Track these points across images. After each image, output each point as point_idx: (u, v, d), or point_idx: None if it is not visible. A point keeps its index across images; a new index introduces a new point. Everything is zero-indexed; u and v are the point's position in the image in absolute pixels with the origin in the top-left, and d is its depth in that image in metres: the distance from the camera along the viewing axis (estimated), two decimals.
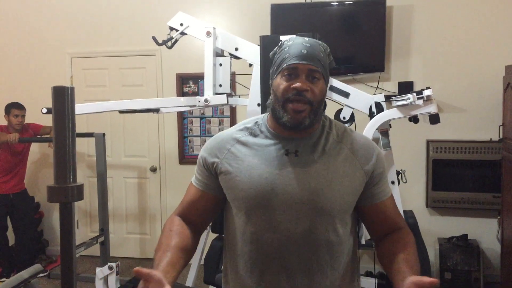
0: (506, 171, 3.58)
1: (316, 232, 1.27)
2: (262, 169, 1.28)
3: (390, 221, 1.38)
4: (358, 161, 1.32)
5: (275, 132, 1.33)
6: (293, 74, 1.26)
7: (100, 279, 3.50)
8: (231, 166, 1.32)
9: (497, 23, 4.04)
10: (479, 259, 3.85)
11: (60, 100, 0.91)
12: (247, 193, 1.28)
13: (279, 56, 1.31)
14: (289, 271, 1.28)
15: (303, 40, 1.30)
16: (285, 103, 1.26)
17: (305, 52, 1.27)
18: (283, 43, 1.34)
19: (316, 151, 1.30)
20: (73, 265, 0.98)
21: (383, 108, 2.55)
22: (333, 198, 1.27)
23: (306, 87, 1.25)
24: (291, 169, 1.27)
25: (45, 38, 4.95)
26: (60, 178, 0.92)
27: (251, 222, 1.29)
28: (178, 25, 2.82)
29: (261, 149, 1.32)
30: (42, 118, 3.93)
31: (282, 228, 1.26)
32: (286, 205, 1.26)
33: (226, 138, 1.38)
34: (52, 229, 5.08)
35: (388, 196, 1.38)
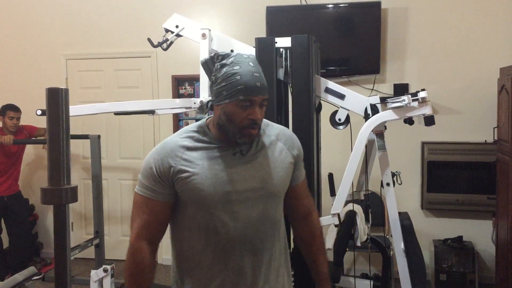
0: (500, 172, 3.60)
1: (268, 214, 1.51)
2: (216, 169, 1.46)
3: (304, 202, 1.69)
4: (287, 149, 1.59)
5: (219, 139, 1.50)
6: (249, 103, 1.42)
7: (95, 281, 3.48)
8: (187, 172, 1.44)
9: (492, 25, 4.06)
10: (474, 261, 3.86)
11: (54, 102, 0.90)
12: (208, 192, 1.43)
13: (229, 82, 1.41)
14: (250, 251, 1.48)
15: (252, 69, 1.43)
16: (242, 129, 1.44)
17: (259, 85, 1.43)
18: (225, 63, 1.44)
19: (255, 148, 1.53)
20: (67, 267, 0.97)
21: (378, 110, 2.55)
22: (277, 183, 1.52)
23: (260, 117, 1.46)
24: (240, 165, 1.48)
25: (40, 40, 4.93)
26: (54, 180, 0.91)
27: (213, 216, 1.45)
28: (174, 27, 2.82)
29: (210, 152, 1.48)
30: (37, 119, 3.92)
31: (241, 216, 1.46)
32: (242, 196, 1.47)
33: (174, 146, 1.49)
34: (47, 232, 5.06)
35: (303, 178, 1.68)
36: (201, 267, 1.50)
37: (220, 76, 1.43)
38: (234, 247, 1.46)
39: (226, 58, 1.45)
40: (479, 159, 4.02)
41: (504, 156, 3.49)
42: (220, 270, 1.48)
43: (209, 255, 1.48)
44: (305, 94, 2.39)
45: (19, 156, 4.52)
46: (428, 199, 4.16)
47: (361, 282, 3.15)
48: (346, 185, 2.53)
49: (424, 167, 4.17)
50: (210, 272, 1.49)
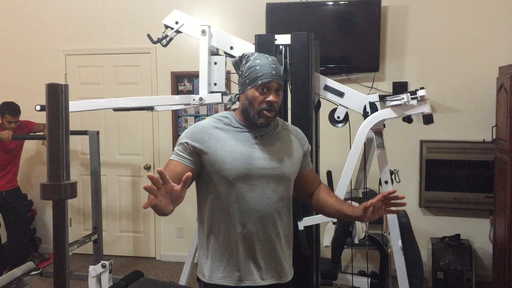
0: (498, 171, 3.61)
1: (279, 191, 1.78)
2: (240, 147, 1.74)
3: (313, 183, 2.00)
4: (298, 141, 1.91)
5: (244, 124, 1.80)
6: (266, 88, 1.72)
7: (93, 277, 3.49)
8: (215, 146, 1.72)
9: (491, 24, 4.06)
10: (471, 259, 3.87)
11: (54, 97, 0.91)
12: (232, 165, 1.70)
13: (251, 71, 1.74)
14: (263, 220, 1.75)
15: (270, 62, 1.74)
16: (260, 111, 1.73)
17: (275, 73, 1.73)
18: (249, 59, 1.77)
19: (273, 135, 1.83)
20: (66, 263, 0.98)
21: (377, 108, 2.56)
22: (290, 166, 1.82)
23: (276, 100, 1.74)
24: (260, 147, 1.77)
25: (39, 35, 4.92)
26: (53, 175, 0.91)
27: (235, 187, 1.72)
28: (173, 23, 2.82)
29: (235, 134, 1.77)
30: (36, 115, 3.92)
31: (258, 189, 1.74)
32: (260, 172, 1.74)
33: (206, 125, 1.78)
34: (45, 227, 5.06)
35: (311, 167, 2.00)
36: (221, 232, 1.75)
37: (245, 70, 1.76)
38: (249, 215, 1.72)
39: (250, 56, 1.77)
40: (477, 157, 4.03)
41: (502, 155, 3.50)
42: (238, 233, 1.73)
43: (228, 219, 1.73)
44: (304, 92, 2.39)
45: (18, 151, 4.52)
46: (426, 197, 4.17)
47: (358, 279, 3.17)
48: (344, 182, 2.54)
49: (422, 166, 4.18)
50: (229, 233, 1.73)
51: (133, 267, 4.51)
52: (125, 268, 4.53)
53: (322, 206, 1.94)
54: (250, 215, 1.73)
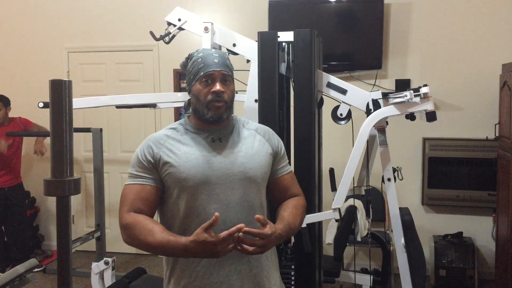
0: (501, 169, 3.60)
1: (248, 197, 1.58)
2: (196, 154, 1.57)
3: (288, 192, 1.73)
4: (266, 142, 1.69)
5: (199, 127, 1.64)
6: (210, 79, 1.58)
7: (96, 274, 3.50)
8: (169, 156, 1.56)
9: (495, 21, 4.05)
10: (474, 257, 3.87)
11: (58, 94, 0.91)
12: (189, 174, 1.53)
13: (194, 66, 1.61)
14: None
15: (212, 52, 1.63)
16: (208, 103, 1.57)
17: (217, 61, 1.59)
18: (193, 56, 1.65)
19: (234, 136, 1.65)
20: (69, 259, 0.98)
21: (380, 105, 2.55)
22: (256, 168, 1.61)
23: (223, 89, 1.57)
24: (220, 151, 1.59)
25: (42, 32, 4.93)
26: (57, 171, 0.92)
27: (194, 199, 1.53)
28: (176, 20, 2.81)
29: (191, 141, 1.61)
30: (39, 112, 3.92)
31: (221, 198, 1.54)
32: (222, 179, 1.55)
33: (158, 136, 1.64)
34: (48, 224, 5.07)
35: (288, 171, 1.75)
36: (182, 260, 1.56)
37: (189, 67, 1.64)
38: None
39: (194, 53, 1.65)
40: (480, 155, 4.02)
41: (505, 153, 3.49)
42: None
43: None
44: (307, 89, 2.39)
45: (18, 147, 4.53)
46: (428, 194, 4.17)
47: (361, 276, 3.17)
48: (347, 180, 2.54)
49: (425, 163, 4.17)
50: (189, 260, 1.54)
51: (136, 264, 4.52)
52: (128, 265, 4.54)
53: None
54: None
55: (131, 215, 1.52)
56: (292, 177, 1.77)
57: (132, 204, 1.54)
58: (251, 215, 1.54)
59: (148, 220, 1.50)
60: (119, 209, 1.57)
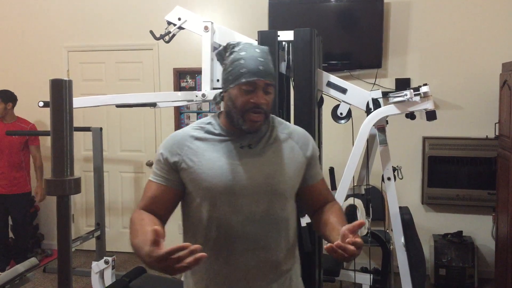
0: (501, 168, 3.60)
1: (273, 211, 1.45)
2: (222, 161, 1.44)
3: (321, 199, 1.61)
4: (299, 148, 1.54)
5: (229, 130, 1.49)
6: (251, 88, 1.41)
7: (96, 273, 3.50)
8: (192, 161, 1.44)
9: (495, 20, 4.04)
10: (473, 256, 3.87)
11: (58, 93, 0.91)
12: (211, 183, 1.42)
13: (234, 67, 1.43)
14: (252, 248, 1.43)
15: (257, 54, 1.43)
16: (244, 113, 1.42)
17: (262, 69, 1.41)
18: (233, 50, 1.46)
19: (265, 142, 1.50)
20: (69, 258, 0.98)
21: (380, 105, 2.55)
22: (284, 181, 1.48)
23: (264, 101, 1.42)
24: (247, 159, 1.45)
25: (41, 31, 4.92)
26: (58, 171, 0.92)
27: (216, 209, 1.42)
28: (176, 20, 2.82)
29: (218, 144, 1.47)
30: (39, 111, 3.92)
31: (244, 210, 1.42)
32: (246, 190, 1.43)
33: (184, 136, 1.49)
34: (48, 223, 5.07)
35: (320, 178, 1.62)
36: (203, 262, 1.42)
37: (228, 63, 1.46)
38: (235, 242, 1.42)
39: (236, 47, 1.46)
40: (480, 154, 4.02)
41: (505, 152, 3.49)
42: (220, 266, 1.44)
43: (210, 249, 1.43)
44: (307, 88, 2.39)
45: (17, 152, 4.44)
46: (428, 194, 4.17)
47: (361, 276, 3.17)
48: (347, 179, 2.54)
49: (425, 162, 4.17)
50: (211, 267, 1.45)
51: (136, 263, 4.52)
52: (128, 264, 4.54)
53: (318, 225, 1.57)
54: (236, 242, 1.42)
55: (138, 212, 1.46)
56: (324, 184, 1.65)
57: (147, 202, 1.48)
58: (274, 230, 1.46)
59: (146, 220, 1.40)
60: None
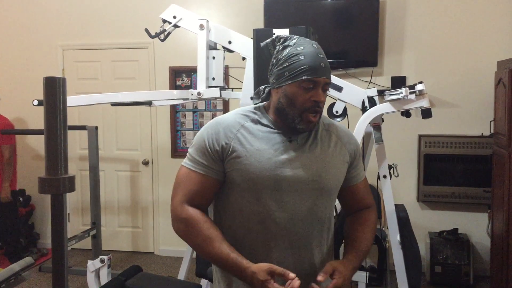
0: (496, 166, 3.61)
1: (317, 210, 1.42)
2: (270, 153, 1.38)
3: (361, 202, 1.58)
4: (344, 146, 1.50)
5: (278, 124, 1.43)
6: (312, 85, 1.36)
7: (92, 272, 3.49)
8: (239, 150, 1.38)
9: (490, 18, 4.05)
10: (469, 253, 3.88)
11: (52, 91, 0.90)
12: (258, 175, 1.36)
13: (293, 62, 1.36)
14: (294, 247, 1.40)
15: (317, 50, 1.39)
16: (302, 112, 1.37)
17: (323, 66, 1.38)
18: (288, 44, 1.40)
19: (313, 138, 1.45)
20: (64, 257, 0.98)
21: (375, 102, 2.56)
22: (330, 179, 1.44)
23: (324, 100, 1.40)
24: (295, 154, 1.40)
25: (36, 30, 4.90)
26: (52, 169, 0.91)
27: (260, 203, 1.38)
28: (171, 18, 2.81)
29: (266, 136, 1.41)
30: (34, 110, 3.91)
31: (289, 207, 1.38)
32: (293, 186, 1.38)
33: (232, 122, 1.43)
34: (44, 222, 5.06)
35: (362, 179, 1.58)
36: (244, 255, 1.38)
37: (283, 58, 1.38)
38: (276, 240, 1.38)
39: (288, 40, 1.41)
40: (475, 152, 4.03)
41: (500, 150, 3.50)
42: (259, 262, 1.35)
43: (249, 244, 1.41)
44: None
45: None
46: (424, 191, 4.18)
47: (357, 273, 3.17)
48: None
49: (420, 160, 4.18)
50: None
51: (132, 262, 4.52)
52: (124, 263, 4.53)
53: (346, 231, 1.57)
54: (277, 239, 1.39)
55: (189, 210, 1.39)
56: (366, 185, 1.60)
57: (190, 195, 1.40)
58: (317, 229, 1.43)
59: (208, 223, 1.38)
60: (172, 193, 1.44)
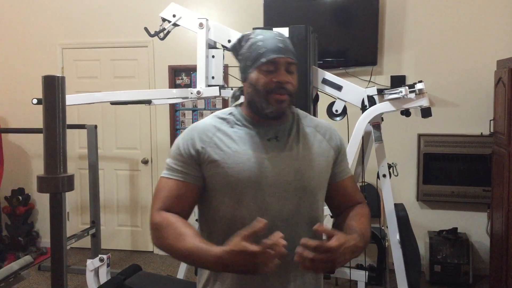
0: (496, 165, 3.61)
1: (302, 210, 1.36)
2: (249, 154, 1.33)
3: (349, 198, 1.50)
4: (327, 141, 1.45)
5: (253, 121, 1.39)
6: (273, 67, 1.33)
7: (91, 271, 3.49)
8: (217, 154, 1.33)
9: (489, 18, 4.05)
10: (468, 252, 3.89)
11: (51, 90, 0.90)
12: (237, 179, 1.31)
13: (252, 51, 1.35)
14: None
15: (275, 34, 1.36)
16: (267, 95, 1.33)
17: (282, 46, 1.33)
18: (249, 38, 1.39)
19: (293, 135, 1.40)
20: (63, 256, 0.98)
21: (375, 102, 2.56)
22: (314, 177, 1.38)
23: (287, 80, 1.33)
24: (275, 152, 1.35)
25: (36, 28, 4.89)
26: (51, 168, 0.91)
27: (242, 207, 1.32)
28: (171, 16, 2.81)
29: (243, 137, 1.36)
30: (33, 109, 3.90)
31: (272, 209, 1.32)
32: (275, 187, 1.33)
33: (206, 126, 1.39)
34: (43, 221, 5.05)
35: (348, 175, 1.51)
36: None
37: (245, 51, 1.38)
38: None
39: (251, 34, 1.40)
40: (475, 151, 4.03)
41: (500, 149, 3.50)
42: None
43: None
44: (302, 85, 2.38)
45: None
46: (423, 190, 4.18)
47: (356, 272, 3.18)
48: None
49: (420, 159, 4.18)
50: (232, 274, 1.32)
51: (131, 261, 4.51)
52: (123, 262, 4.53)
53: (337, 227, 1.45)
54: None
55: (162, 214, 1.33)
56: (353, 182, 1.54)
57: (166, 202, 1.35)
58: (304, 230, 1.34)
59: (180, 222, 1.31)
60: (151, 204, 1.39)
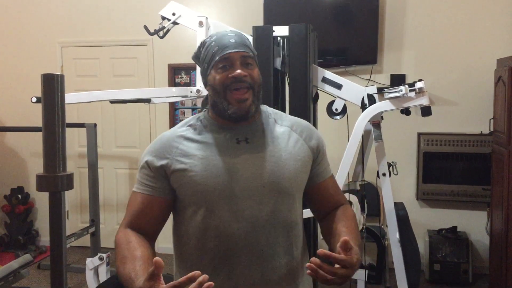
0: (496, 164, 3.61)
1: (280, 214, 1.28)
2: (217, 159, 1.27)
3: (332, 200, 1.44)
4: (304, 141, 1.37)
5: (220, 124, 1.33)
6: (227, 64, 1.26)
7: (90, 269, 3.49)
8: (183, 163, 1.28)
9: (489, 16, 4.05)
10: (468, 251, 3.89)
11: (50, 88, 0.90)
12: (207, 185, 1.25)
13: (207, 53, 1.30)
14: (259, 258, 1.26)
15: (228, 32, 1.31)
16: (226, 92, 1.26)
17: (234, 41, 1.27)
18: (205, 42, 1.34)
19: (264, 136, 1.33)
20: (63, 255, 0.97)
21: (375, 100, 2.55)
22: (290, 178, 1.30)
23: (244, 73, 1.26)
24: (246, 155, 1.28)
25: (35, 26, 4.88)
26: (50, 167, 0.91)
27: (214, 216, 1.25)
28: (170, 15, 2.80)
29: (211, 142, 1.30)
30: (32, 107, 3.90)
31: (247, 215, 1.25)
32: (248, 191, 1.25)
33: (171, 136, 1.34)
34: (42, 220, 5.05)
35: (329, 175, 1.44)
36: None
37: (202, 55, 1.33)
38: (238, 254, 1.24)
39: (207, 39, 1.34)
40: (474, 150, 4.03)
41: (499, 148, 3.50)
42: (222, 283, 1.25)
43: (207, 264, 1.27)
44: (302, 84, 2.38)
45: None
46: (423, 189, 4.18)
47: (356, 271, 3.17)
48: (342, 175, 2.54)
49: (420, 158, 4.18)
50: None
51: None
52: None
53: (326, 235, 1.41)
54: (239, 254, 1.24)
55: (124, 231, 1.29)
56: (334, 182, 1.47)
57: (133, 217, 1.31)
58: (282, 235, 1.28)
59: (133, 243, 1.24)
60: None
